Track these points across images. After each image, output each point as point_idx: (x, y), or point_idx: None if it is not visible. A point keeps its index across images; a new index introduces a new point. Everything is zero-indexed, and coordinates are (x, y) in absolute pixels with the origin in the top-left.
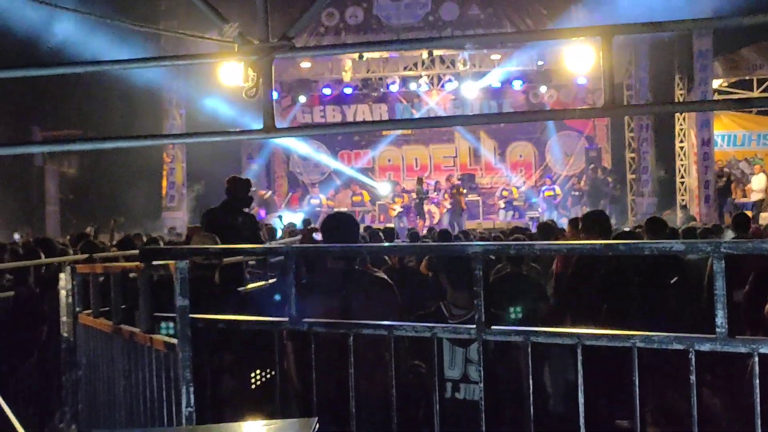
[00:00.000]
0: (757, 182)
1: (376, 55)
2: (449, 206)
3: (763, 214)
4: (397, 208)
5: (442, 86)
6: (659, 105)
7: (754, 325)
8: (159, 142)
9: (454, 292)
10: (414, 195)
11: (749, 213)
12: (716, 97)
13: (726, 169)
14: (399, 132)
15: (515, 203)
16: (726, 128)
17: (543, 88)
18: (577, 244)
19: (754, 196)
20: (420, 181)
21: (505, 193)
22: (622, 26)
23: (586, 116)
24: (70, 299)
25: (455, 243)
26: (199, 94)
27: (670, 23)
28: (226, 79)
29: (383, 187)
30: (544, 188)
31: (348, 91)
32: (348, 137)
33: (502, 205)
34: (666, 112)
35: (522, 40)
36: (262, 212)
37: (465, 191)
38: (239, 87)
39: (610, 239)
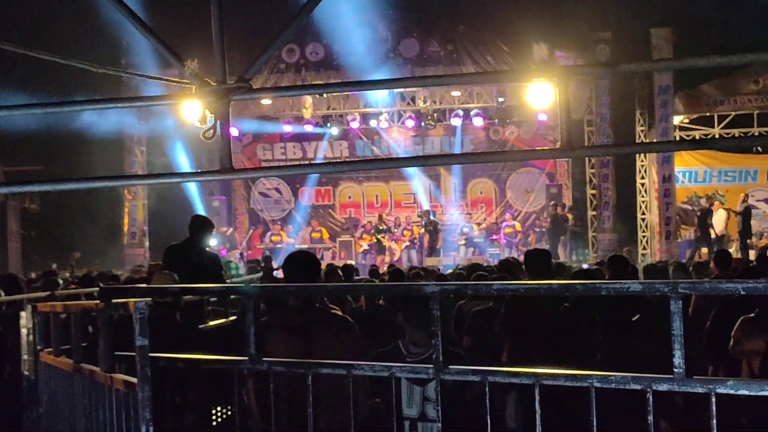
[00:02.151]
0: (717, 219)
1: (336, 92)
2: (409, 243)
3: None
4: (364, 245)
5: (402, 123)
6: (618, 146)
7: (717, 362)
8: (117, 183)
9: (412, 331)
10: (372, 231)
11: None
12: (677, 133)
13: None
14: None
15: (476, 240)
16: (687, 165)
17: (504, 125)
18: (535, 284)
19: (714, 233)
20: (380, 218)
21: (465, 230)
22: (578, 68)
23: (544, 157)
24: (31, 337)
25: (413, 282)
26: (161, 131)
27: (625, 66)
28: (187, 115)
29: (345, 224)
30: (504, 224)
31: (308, 128)
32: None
33: (463, 242)
34: (626, 152)
35: (479, 82)
36: (223, 251)
37: (431, 229)
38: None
39: (550, 277)
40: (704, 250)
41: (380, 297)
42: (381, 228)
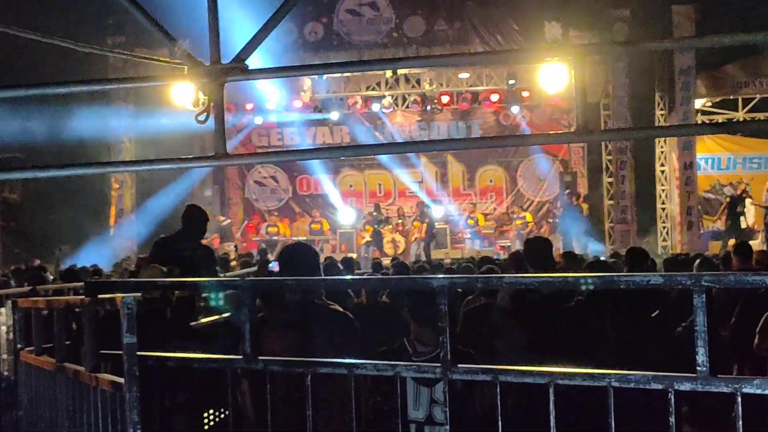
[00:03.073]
0: (750, 211)
1: (336, 74)
2: (420, 235)
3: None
4: (366, 237)
5: (407, 107)
6: (636, 130)
7: (741, 360)
8: (104, 170)
9: (418, 328)
10: (373, 223)
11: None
12: (699, 118)
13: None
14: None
15: (484, 232)
16: (710, 151)
17: (515, 108)
18: (550, 277)
19: (746, 222)
20: (378, 207)
21: (470, 221)
22: (594, 47)
23: (558, 142)
24: (11, 335)
25: (418, 276)
26: (150, 115)
27: (644, 44)
28: (178, 99)
29: (346, 215)
30: (514, 216)
31: (307, 112)
32: (306, 161)
33: (468, 235)
34: (645, 137)
35: (489, 62)
36: (216, 241)
37: (428, 220)
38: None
39: (552, 268)
40: (732, 242)
41: (384, 292)
42: (379, 218)
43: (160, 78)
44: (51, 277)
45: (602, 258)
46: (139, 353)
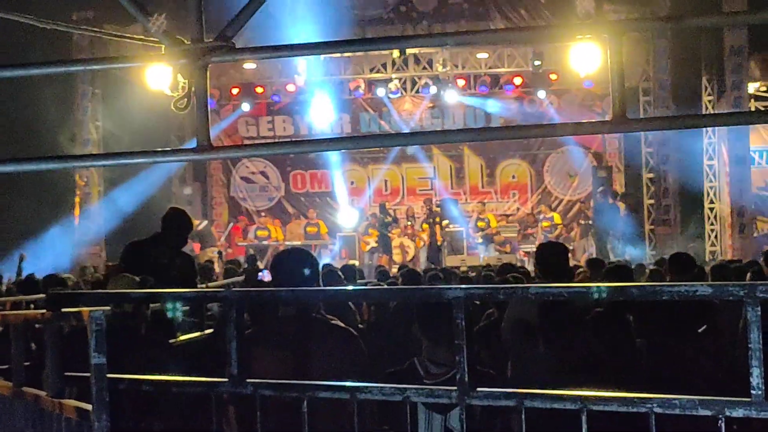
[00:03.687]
0: None
1: (336, 53)
2: (426, 239)
3: None
4: (371, 242)
5: (417, 91)
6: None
7: None
8: (67, 165)
9: (430, 345)
10: (376, 225)
11: None
12: (752, 104)
13: None
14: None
15: (504, 235)
16: (765, 142)
17: (541, 93)
18: (582, 287)
19: None
20: (383, 208)
21: (480, 224)
22: (632, 23)
23: (590, 132)
24: None
25: (431, 286)
26: (121, 102)
27: (689, 20)
28: (153, 82)
29: (347, 216)
30: (541, 217)
31: (302, 97)
32: (302, 154)
33: (480, 240)
34: (691, 127)
35: (511, 41)
36: (196, 247)
37: (446, 222)
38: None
39: (566, 276)
40: None
41: (391, 305)
42: (386, 221)
43: (132, 59)
44: (4, 288)
45: (651, 267)
46: (109, 375)
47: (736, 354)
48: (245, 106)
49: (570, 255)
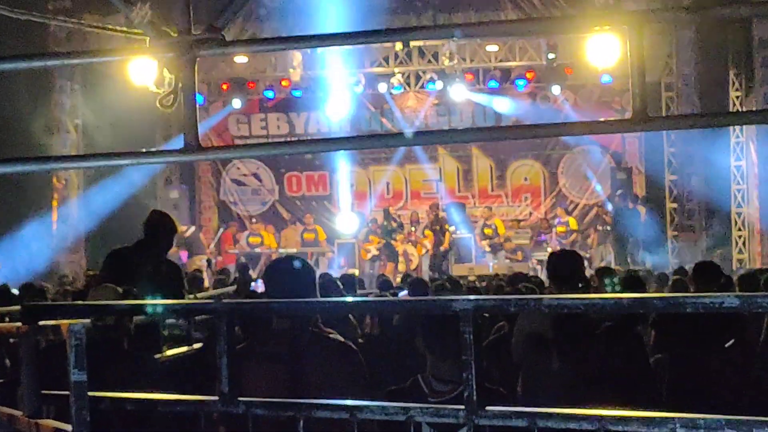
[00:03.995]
0: None
1: (334, 46)
2: (429, 246)
3: None
4: (372, 250)
5: (422, 87)
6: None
7: None
8: (44, 167)
9: (435, 361)
10: (379, 232)
11: None
12: None
13: None
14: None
15: (512, 242)
16: None
17: (555, 89)
18: (599, 299)
19: None
20: (387, 213)
21: (487, 231)
22: (657, 13)
23: (609, 131)
24: None
25: (437, 297)
26: (102, 99)
27: (716, 10)
28: (137, 77)
29: (346, 221)
30: (555, 222)
31: (297, 93)
32: (298, 155)
33: (488, 248)
34: (717, 125)
35: (523, 33)
36: (184, 255)
37: (453, 228)
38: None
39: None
40: None
41: (393, 317)
42: (390, 227)
43: (114, 52)
44: None
45: (672, 277)
46: (90, 394)
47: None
48: (236, 103)
49: (587, 263)
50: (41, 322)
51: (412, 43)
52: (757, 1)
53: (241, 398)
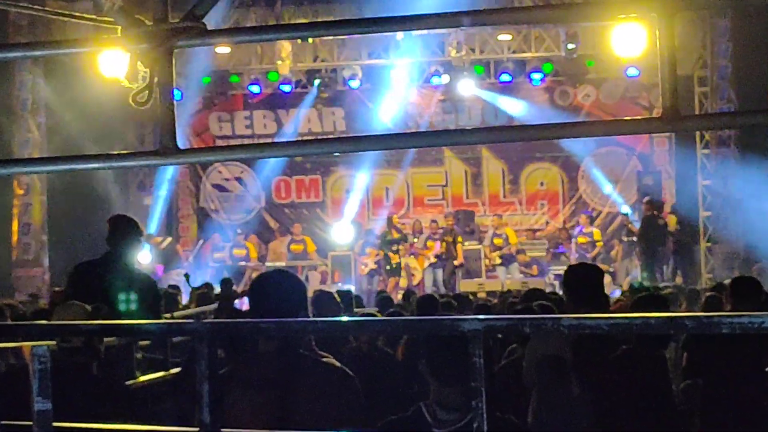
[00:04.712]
0: None
1: (327, 37)
2: (435, 259)
3: None
4: (370, 263)
5: (426, 81)
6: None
7: None
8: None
9: (440, 387)
10: (378, 243)
11: None
12: None
13: None
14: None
15: (526, 255)
16: None
17: (575, 83)
18: (623, 318)
19: None
20: (390, 222)
21: (497, 241)
22: None
23: (635, 132)
24: None
25: (444, 317)
26: (68, 95)
27: None
28: (107, 69)
29: (340, 231)
30: (576, 231)
31: (286, 88)
32: (287, 158)
33: (498, 261)
34: (757, 124)
35: (540, 20)
36: (160, 269)
37: (461, 239)
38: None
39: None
40: None
41: (394, 338)
42: (391, 238)
43: (81, 43)
44: None
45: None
46: (55, 424)
47: None
48: (218, 99)
49: (610, 278)
50: (1, 345)
51: (415, 33)
52: None
53: (224, 429)
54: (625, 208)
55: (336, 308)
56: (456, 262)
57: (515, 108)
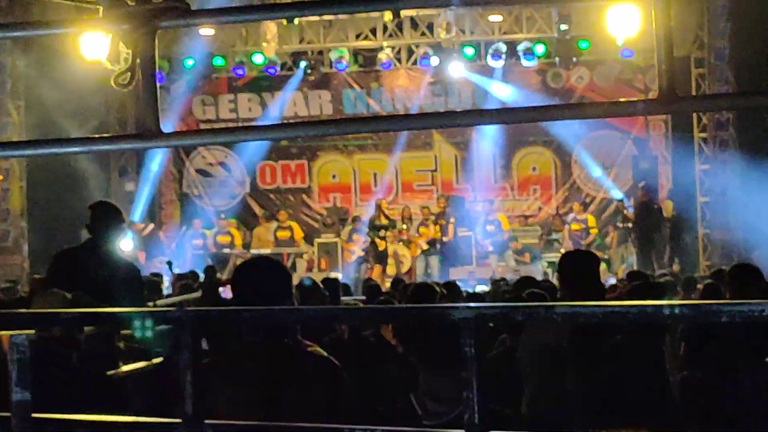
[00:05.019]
0: None
1: (314, 17)
2: (427, 246)
3: None
4: (357, 251)
5: (415, 63)
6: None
7: None
8: None
9: (430, 378)
10: (367, 230)
11: None
12: None
13: None
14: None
15: (518, 242)
16: None
17: (568, 65)
18: (618, 306)
19: None
20: (379, 208)
21: (489, 227)
22: None
23: (630, 114)
24: None
25: (433, 305)
26: (48, 78)
27: None
28: (88, 51)
29: (327, 218)
30: (569, 218)
31: (271, 71)
32: (272, 141)
33: (490, 248)
34: (756, 106)
35: (534, 1)
36: (142, 256)
37: (454, 220)
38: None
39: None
40: None
41: (382, 327)
42: (379, 224)
43: (61, 24)
44: None
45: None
46: (34, 415)
47: None
48: (201, 82)
49: (605, 266)
50: None
51: (404, 13)
52: None
53: (207, 421)
54: (619, 194)
55: (322, 296)
56: (446, 239)
57: (506, 91)
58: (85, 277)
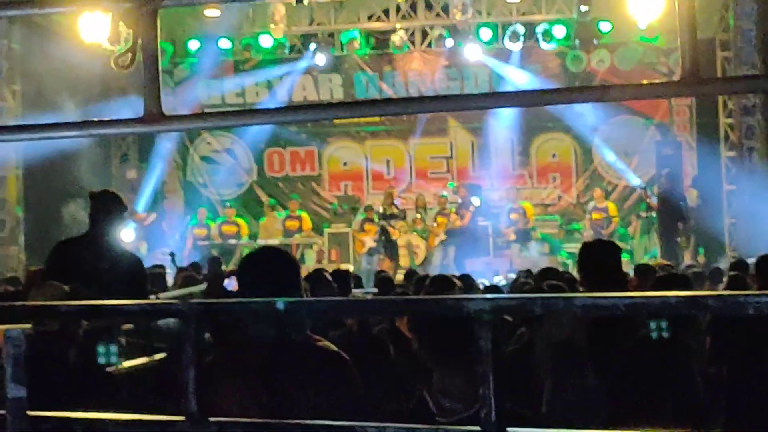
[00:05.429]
0: None
1: None
2: (445, 237)
3: None
4: (369, 241)
5: (429, 46)
6: None
7: None
8: None
9: (444, 374)
10: (375, 219)
11: None
12: None
13: None
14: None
15: (537, 232)
16: None
17: (589, 49)
18: (641, 297)
19: None
20: (389, 196)
21: (513, 216)
22: None
23: (653, 96)
24: None
25: (447, 296)
26: (46, 60)
27: None
28: (87, 32)
29: (339, 207)
30: (590, 207)
31: (279, 54)
32: (280, 126)
33: (513, 236)
34: None
35: None
36: (142, 248)
37: (473, 208)
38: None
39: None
40: None
41: (397, 321)
42: (389, 212)
43: (60, 2)
44: None
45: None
46: (29, 413)
47: None
48: (207, 64)
49: (628, 257)
50: None
51: None
52: None
53: (212, 418)
54: (639, 181)
55: (332, 289)
56: (460, 223)
57: (524, 75)
58: (84, 269)
